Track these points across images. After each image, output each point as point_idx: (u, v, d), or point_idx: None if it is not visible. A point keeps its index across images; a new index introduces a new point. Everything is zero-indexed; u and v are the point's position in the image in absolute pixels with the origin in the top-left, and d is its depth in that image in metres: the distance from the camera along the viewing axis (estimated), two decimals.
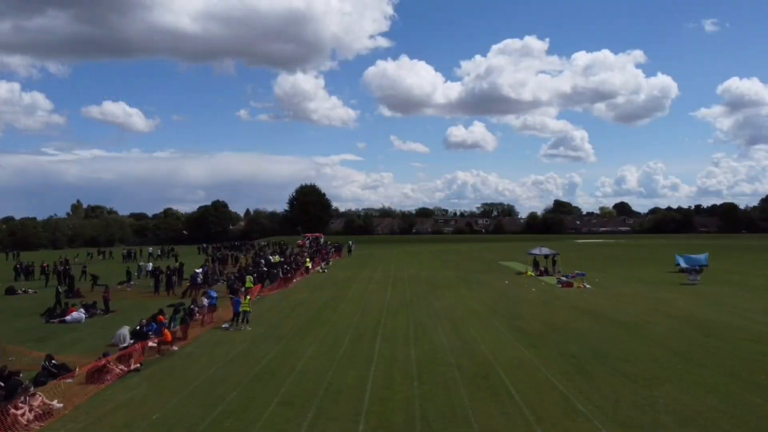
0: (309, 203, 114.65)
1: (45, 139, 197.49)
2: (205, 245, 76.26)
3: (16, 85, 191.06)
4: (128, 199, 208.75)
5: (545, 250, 41.53)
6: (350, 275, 41.90)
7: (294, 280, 37.89)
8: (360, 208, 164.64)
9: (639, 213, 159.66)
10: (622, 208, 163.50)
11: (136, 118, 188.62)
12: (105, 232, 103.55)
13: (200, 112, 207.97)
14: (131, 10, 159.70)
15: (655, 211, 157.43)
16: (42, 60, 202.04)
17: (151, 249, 66.19)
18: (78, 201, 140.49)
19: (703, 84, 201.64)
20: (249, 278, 29.78)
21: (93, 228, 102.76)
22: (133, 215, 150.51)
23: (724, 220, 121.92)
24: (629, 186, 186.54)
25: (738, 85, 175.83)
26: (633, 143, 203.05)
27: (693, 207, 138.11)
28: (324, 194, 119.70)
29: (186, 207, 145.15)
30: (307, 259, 42.64)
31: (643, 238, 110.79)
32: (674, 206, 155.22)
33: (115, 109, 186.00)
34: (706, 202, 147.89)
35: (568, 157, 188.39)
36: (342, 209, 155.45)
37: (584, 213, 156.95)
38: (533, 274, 40.35)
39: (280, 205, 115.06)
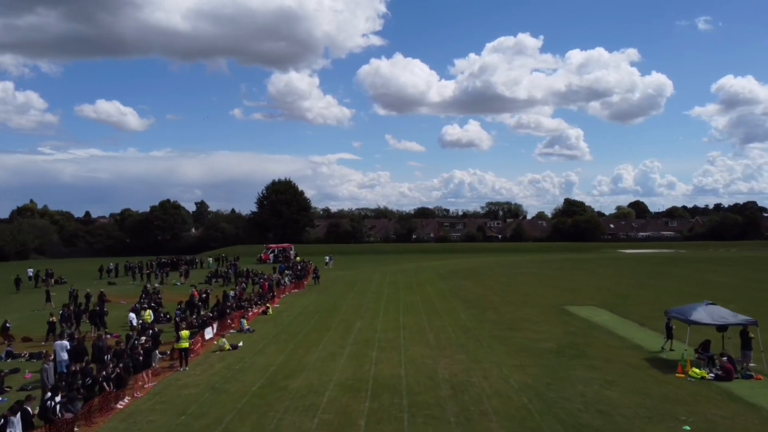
0: (282, 203, 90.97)
1: (40, 138, 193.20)
2: (112, 266, 52.64)
3: (10, 84, 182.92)
4: (126, 199, 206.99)
5: (724, 314, 18.20)
6: (276, 370, 18.47)
7: (116, 407, 14.60)
8: (354, 208, 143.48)
9: (651, 213, 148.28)
10: (639, 208, 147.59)
11: (130, 117, 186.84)
12: (14, 240, 79.80)
13: (195, 111, 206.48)
14: (120, 8, 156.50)
15: (672, 211, 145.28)
16: (34, 59, 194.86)
17: None
18: (31, 201, 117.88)
19: (697, 82, 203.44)
20: None
21: None
22: (113, 215, 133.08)
23: None
24: (626, 185, 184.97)
25: (732, 83, 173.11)
26: (629, 142, 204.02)
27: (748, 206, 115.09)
28: (302, 192, 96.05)
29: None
30: (183, 332, 19.01)
31: (708, 246, 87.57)
32: (669, 205, 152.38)
33: (109, 108, 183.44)
34: (704, 202, 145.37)
35: (564, 156, 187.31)
36: (338, 208, 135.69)
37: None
38: (703, 372, 17.11)
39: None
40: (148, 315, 24.13)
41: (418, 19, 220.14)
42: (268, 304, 30.56)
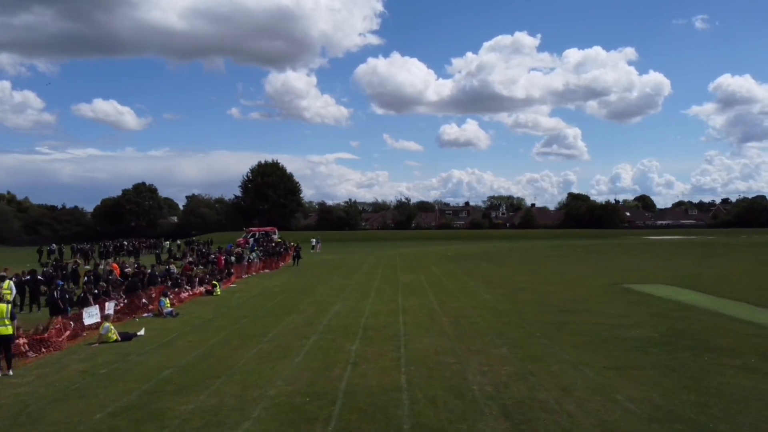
0: (268, 186, 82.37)
1: (38, 138, 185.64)
2: (54, 246, 44.14)
3: (7, 84, 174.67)
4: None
5: None
6: (169, 376, 10.01)
7: None
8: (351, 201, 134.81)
9: (657, 209, 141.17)
10: (645, 202, 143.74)
11: (127, 116, 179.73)
12: None
13: (192, 110, 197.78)
14: (116, 7, 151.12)
15: (680, 204, 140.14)
16: (30, 58, 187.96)
17: None
18: (8, 192, 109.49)
19: (695, 81, 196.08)
20: None
21: None
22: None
23: None
24: (624, 184, 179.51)
25: (730, 82, 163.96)
26: (627, 141, 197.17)
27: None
28: (291, 175, 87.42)
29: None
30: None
31: (739, 233, 79.30)
32: (668, 205, 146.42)
33: (107, 108, 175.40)
34: (702, 200, 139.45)
35: (562, 155, 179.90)
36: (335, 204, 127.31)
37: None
38: None
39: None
40: (7, 286, 15.74)
41: (416, 18, 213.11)
42: (215, 282, 22.15)
